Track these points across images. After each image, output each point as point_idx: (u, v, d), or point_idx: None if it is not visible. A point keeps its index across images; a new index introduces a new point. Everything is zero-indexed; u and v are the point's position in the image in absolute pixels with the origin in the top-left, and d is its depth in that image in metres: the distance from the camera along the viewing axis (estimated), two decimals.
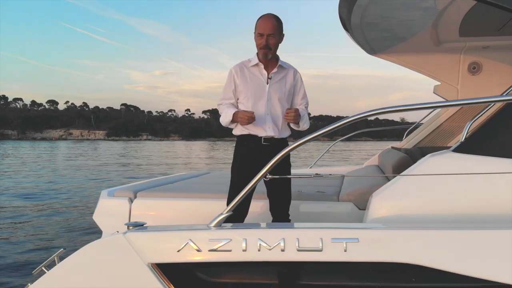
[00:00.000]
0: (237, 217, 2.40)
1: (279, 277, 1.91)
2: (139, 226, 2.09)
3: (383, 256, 1.80)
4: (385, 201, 2.15)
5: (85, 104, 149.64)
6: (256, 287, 1.96)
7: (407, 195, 2.14)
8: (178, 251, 1.90)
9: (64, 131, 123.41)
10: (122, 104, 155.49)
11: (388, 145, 6.15)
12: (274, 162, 1.96)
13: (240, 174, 2.83)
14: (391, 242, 1.83)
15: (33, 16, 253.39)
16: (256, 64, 2.90)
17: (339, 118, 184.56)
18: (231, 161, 3.00)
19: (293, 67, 3.03)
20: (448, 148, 2.39)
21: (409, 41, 4.08)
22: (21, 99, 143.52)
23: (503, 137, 2.16)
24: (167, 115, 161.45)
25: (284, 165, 2.77)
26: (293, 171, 3.17)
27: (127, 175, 20.02)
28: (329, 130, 2.03)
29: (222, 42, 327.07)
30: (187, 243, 1.90)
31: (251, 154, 2.85)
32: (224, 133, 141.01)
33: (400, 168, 3.12)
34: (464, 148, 2.21)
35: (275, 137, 2.87)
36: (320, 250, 1.81)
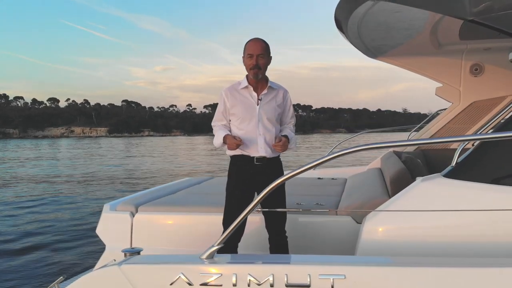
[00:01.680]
0: (232, 240, 2.53)
1: None
2: (135, 253, 2.17)
3: None
4: (377, 226, 2.20)
5: (86, 101, 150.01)
6: None
7: (398, 221, 2.17)
8: (171, 284, 1.96)
9: (66, 128, 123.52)
10: (123, 101, 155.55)
11: (391, 137, 6.08)
12: (263, 196, 1.97)
13: (234, 197, 2.93)
14: (378, 280, 1.83)
15: (33, 14, 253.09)
16: (246, 87, 2.99)
17: (341, 110, 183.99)
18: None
19: (283, 87, 3.11)
20: (449, 149, 2.36)
21: (409, 45, 4.00)
22: (22, 98, 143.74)
23: (493, 163, 2.15)
24: (169, 110, 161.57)
25: (279, 187, 2.77)
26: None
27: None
28: (318, 164, 1.98)
29: (223, 36, 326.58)
30: (179, 276, 1.95)
31: (245, 175, 2.95)
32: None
33: (398, 181, 3.13)
34: (455, 173, 2.21)
35: (267, 156, 2.95)
36: (308, 286, 1.85)
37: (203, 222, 3.25)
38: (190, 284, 1.93)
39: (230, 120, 3.05)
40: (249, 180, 2.92)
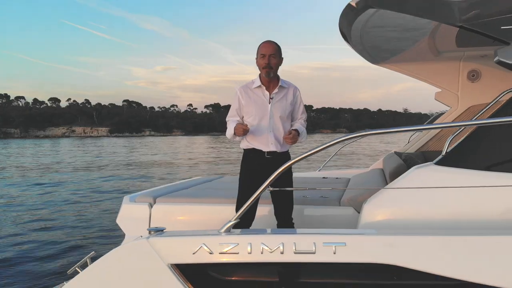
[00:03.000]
0: (244, 222, 2.74)
1: (279, 275, 2.23)
2: (159, 231, 2.38)
3: (367, 258, 2.09)
4: (374, 209, 2.46)
5: (87, 101, 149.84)
6: (260, 284, 2.27)
7: (394, 204, 2.45)
8: (194, 253, 2.21)
9: (67, 128, 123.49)
10: (124, 101, 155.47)
11: (391, 138, 6.27)
12: (274, 177, 2.26)
13: (246, 184, 3.14)
14: (374, 246, 2.11)
15: (34, 14, 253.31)
16: (259, 86, 3.19)
17: (341, 110, 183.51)
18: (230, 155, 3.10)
19: (293, 85, 3.29)
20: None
21: (409, 52, 4.17)
22: (23, 98, 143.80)
23: (479, 151, 2.44)
24: (169, 110, 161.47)
25: (286, 175, 3.02)
26: (302, 174, 3.31)
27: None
28: (318, 151, 2.27)
29: (224, 36, 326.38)
30: (201, 246, 2.20)
31: (256, 166, 3.16)
32: (226, 128, 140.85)
33: (396, 175, 3.31)
34: (445, 161, 2.49)
35: (277, 151, 3.17)
36: (314, 253, 2.12)
37: (215, 212, 3.46)
38: (210, 253, 2.19)
39: (243, 117, 3.25)
40: (260, 172, 3.01)
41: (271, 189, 2.38)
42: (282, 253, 2.13)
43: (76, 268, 2.90)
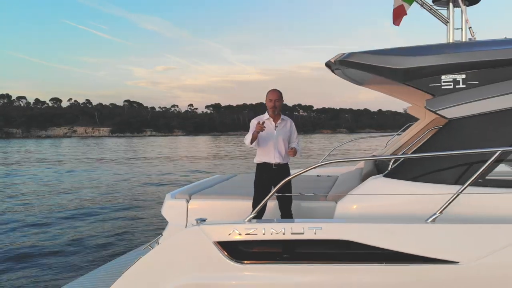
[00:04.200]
0: (259, 215, 4.02)
1: (282, 248, 3.39)
2: (203, 220, 3.46)
3: (334, 236, 3.24)
4: (343, 206, 3.67)
5: (88, 101, 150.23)
6: (270, 254, 3.40)
7: (355, 203, 3.66)
8: (229, 234, 3.32)
9: (69, 128, 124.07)
10: (125, 101, 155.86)
11: (390, 136, 8.05)
12: (278, 187, 3.51)
13: (260, 189, 4.47)
14: (338, 229, 3.29)
15: (35, 14, 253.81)
16: (268, 118, 4.55)
17: (342, 110, 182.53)
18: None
19: (289, 119, 4.71)
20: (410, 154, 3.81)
21: (383, 81, 4.76)
22: (24, 98, 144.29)
23: (406, 170, 3.60)
24: (170, 110, 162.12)
25: (287, 182, 4.02)
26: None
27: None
28: (306, 171, 3.52)
29: (224, 36, 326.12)
30: (233, 230, 3.32)
31: (266, 175, 4.49)
32: (226, 128, 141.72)
33: (367, 177, 4.27)
34: (388, 174, 3.68)
35: (280, 163, 4.50)
36: (302, 233, 3.24)
37: (235, 205, 4.64)
38: (239, 234, 3.31)
39: (257, 140, 4.50)
40: (269, 179, 4.42)
41: (277, 194, 3.95)
42: (283, 234, 3.25)
43: (149, 246, 4.55)
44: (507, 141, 3.33)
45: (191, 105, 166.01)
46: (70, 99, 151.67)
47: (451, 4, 4.28)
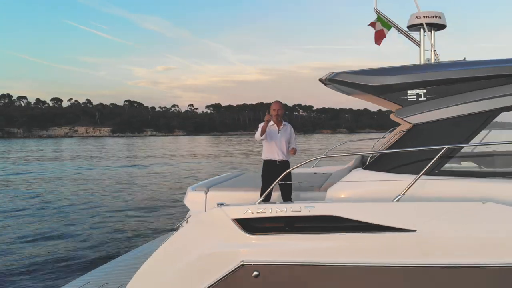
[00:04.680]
0: (267, 200, 4.86)
1: (285, 222, 4.22)
2: (223, 204, 4.33)
3: (323, 212, 4.15)
4: (332, 191, 4.63)
5: (88, 101, 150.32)
6: (275, 228, 4.22)
7: (341, 189, 4.62)
8: (243, 213, 4.24)
9: (69, 128, 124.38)
10: (125, 101, 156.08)
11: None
12: (280, 177, 4.54)
13: (266, 180, 5.49)
14: (327, 207, 4.21)
15: (36, 14, 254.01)
16: (273, 125, 5.70)
17: (342, 110, 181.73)
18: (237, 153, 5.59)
19: (289, 124, 5.85)
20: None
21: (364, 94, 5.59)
22: (25, 97, 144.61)
23: (381, 163, 4.62)
24: (170, 110, 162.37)
25: (287, 175, 4.97)
26: (301, 170, 6.76)
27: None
28: (301, 165, 4.83)
29: (225, 36, 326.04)
30: (247, 210, 4.24)
31: (271, 169, 5.56)
32: (227, 128, 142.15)
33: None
34: (367, 167, 4.70)
35: (283, 159, 5.62)
36: (300, 211, 4.15)
37: (246, 196, 5.47)
38: (252, 213, 4.22)
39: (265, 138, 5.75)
40: (273, 172, 5.32)
41: (280, 183, 4.91)
42: (285, 212, 4.16)
43: (180, 224, 5.62)
44: (455, 140, 4.38)
45: (191, 105, 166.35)
46: (71, 99, 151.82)
47: (421, 30, 5.15)
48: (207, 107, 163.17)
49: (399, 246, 3.96)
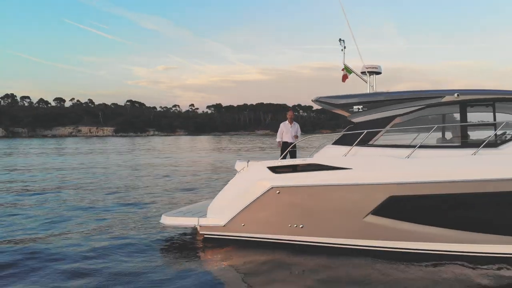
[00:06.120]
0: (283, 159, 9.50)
1: (292, 168, 8.28)
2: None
3: (311, 162, 8.11)
4: (316, 155, 8.46)
5: (90, 100, 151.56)
6: (288, 170, 8.17)
7: (320, 153, 8.40)
8: (272, 164, 8.32)
9: (73, 128, 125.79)
10: (128, 101, 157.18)
11: None
12: (288, 149, 9.44)
13: (282, 151, 10.34)
14: (313, 160, 8.25)
15: (37, 13, 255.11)
16: (287, 123, 11.01)
17: None
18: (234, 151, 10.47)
19: (297, 123, 11.10)
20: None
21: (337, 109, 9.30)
22: (28, 97, 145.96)
23: (344, 139, 8.26)
24: (171, 110, 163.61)
25: (294, 150, 10.15)
26: (305, 152, 10.96)
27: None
28: (298, 141, 10.27)
29: (225, 36, 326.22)
30: (274, 163, 8.36)
31: (285, 147, 10.18)
32: (227, 128, 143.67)
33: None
34: (336, 142, 8.33)
35: (293, 142, 10.37)
36: (299, 163, 8.34)
37: (271, 163, 8.57)
38: (276, 163, 8.38)
39: (283, 132, 10.94)
40: (286, 147, 10.01)
41: (291, 149, 9.55)
42: (292, 163, 8.33)
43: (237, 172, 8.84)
44: (374, 127, 8.03)
45: (192, 105, 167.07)
46: (73, 98, 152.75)
47: (367, 74, 8.94)
48: (208, 107, 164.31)
49: (342, 179, 7.54)
